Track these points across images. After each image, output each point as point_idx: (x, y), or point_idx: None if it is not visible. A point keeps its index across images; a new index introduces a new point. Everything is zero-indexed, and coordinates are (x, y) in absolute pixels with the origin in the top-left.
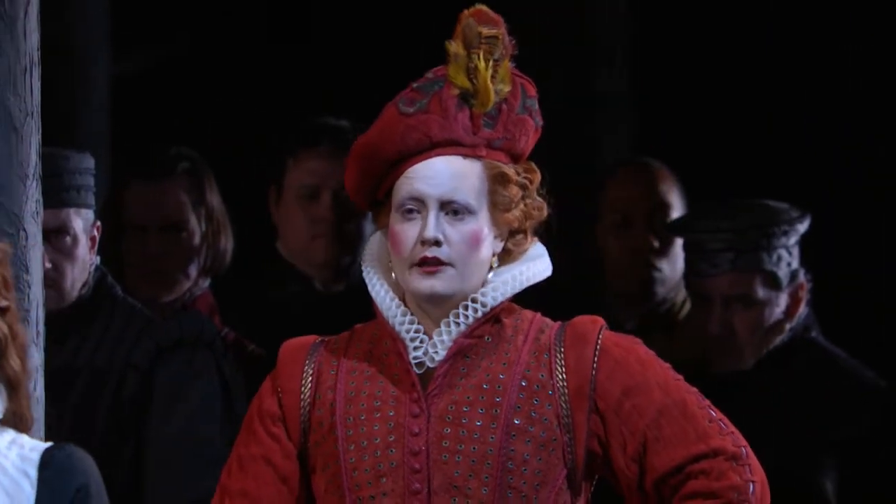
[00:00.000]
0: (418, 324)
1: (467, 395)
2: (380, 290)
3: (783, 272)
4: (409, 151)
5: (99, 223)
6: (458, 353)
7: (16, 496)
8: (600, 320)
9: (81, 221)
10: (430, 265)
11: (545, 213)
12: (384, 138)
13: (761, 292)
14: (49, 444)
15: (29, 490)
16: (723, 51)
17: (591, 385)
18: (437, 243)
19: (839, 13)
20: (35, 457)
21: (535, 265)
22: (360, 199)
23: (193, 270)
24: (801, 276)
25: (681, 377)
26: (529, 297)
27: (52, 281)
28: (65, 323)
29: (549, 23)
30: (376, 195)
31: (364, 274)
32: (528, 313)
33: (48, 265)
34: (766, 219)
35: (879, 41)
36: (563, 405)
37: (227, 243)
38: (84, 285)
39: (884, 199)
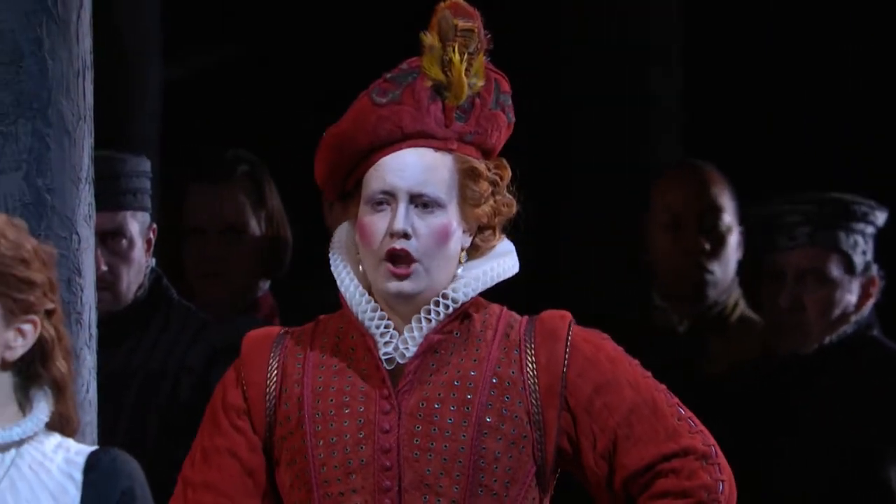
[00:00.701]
0: (388, 319)
1: (438, 392)
2: (348, 284)
3: (858, 258)
4: (380, 142)
5: (155, 226)
6: (428, 349)
7: (61, 499)
8: (568, 315)
9: (137, 224)
10: (400, 264)
11: (514, 209)
12: (356, 128)
13: (835, 271)
14: (94, 447)
15: (74, 493)
16: (776, 51)
17: (562, 383)
18: (406, 236)
19: None
20: (80, 460)
21: (505, 261)
22: (329, 189)
23: (253, 273)
24: (874, 271)
25: (649, 374)
26: (582, 296)
27: (109, 283)
28: (120, 325)
29: (602, 24)
30: (345, 186)
31: (332, 266)
32: (496, 307)
33: (104, 268)
34: (846, 200)
35: None
36: (534, 402)
37: (287, 245)
38: (140, 288)
39: None
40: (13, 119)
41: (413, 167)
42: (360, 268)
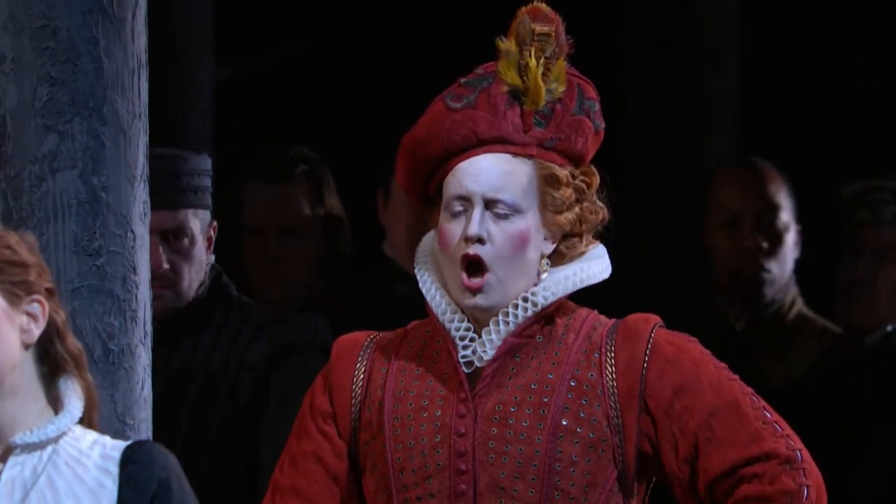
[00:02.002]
0: (469, 322)
1: (515, 396)
2: (430, 289)
3: None
4: (455, 148)
5: (215, 223)
6: (508, 352)
7: (98, 493)
8: (654, 318)
9: (199, 222)
10: (474, 275)
11: (603, 216)
12: (431, 134)
13: None
14: (130, 441)
15: (111, 486)
16: (832, 49)
17: (641, 385)
18: (481, 241)
19: None
20: (116, 454)
21: (592, 266)
22: (412, 195)
23: (311, 271)
24: None
25: (736, 377)
26: (640, 295)
27: (170, 281)
28: (182, 323)
29: (659, 24)
30: (427, 191)
31: (416, 272)
32: (584, 311)
33: (166, 266)
34: None
35: None
36: (613, 405)
37: (345, 243)
38: (201, 285)
39: None
40: (69, 118)
41: (488, 172)
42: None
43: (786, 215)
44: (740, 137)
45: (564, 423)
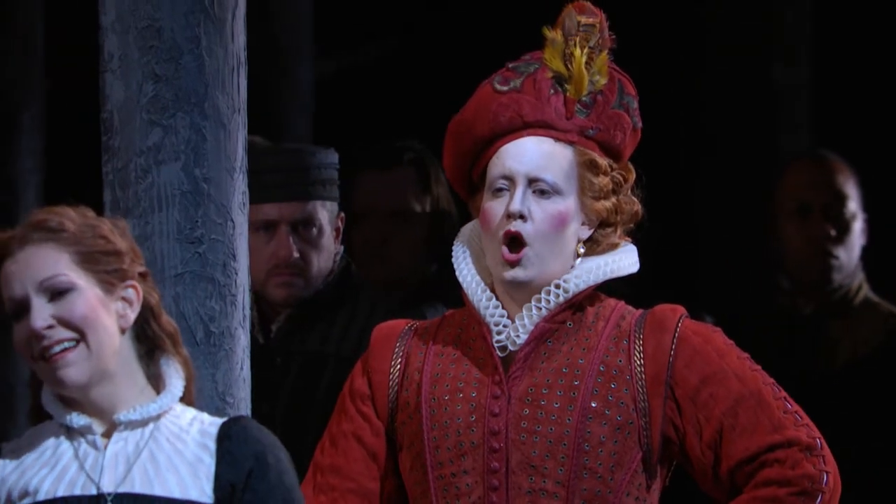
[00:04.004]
0: (503, 308)
1: (547, 378)
2: (466, 275)
3: None
4: (501, 129)
5: (343, 214)
6: (540, 337)
7: (197, 468)
8: (681, 309)
9: (327, 213)
10: (514, 249)
11: (637, 211)
12: (477, 115)
13: None
14: (226, 418)
15: (209, 461)
16: None
17: (667, 372)
18: (522, 217)
19: None
20: (214, 430)
21: (623, 258)
22: (457, 180)
23: (418, 256)
24: None
25: (759, 367)
26: (713, 280)
27: (300, 269)
28: (312, 310)
29: (729, 17)
30: (472, 177)
31: (453, 260)
32: (612, 301)
33: (296, 255)
34: None
35: None
36: (640, 390)
37: (452, 230)
38: (330, 273)
39: None
40: (172, 113)
41: (532, 153)
42: (483, 261)
43: (853, 204)
44: (811, 130)
45: (593, 405)
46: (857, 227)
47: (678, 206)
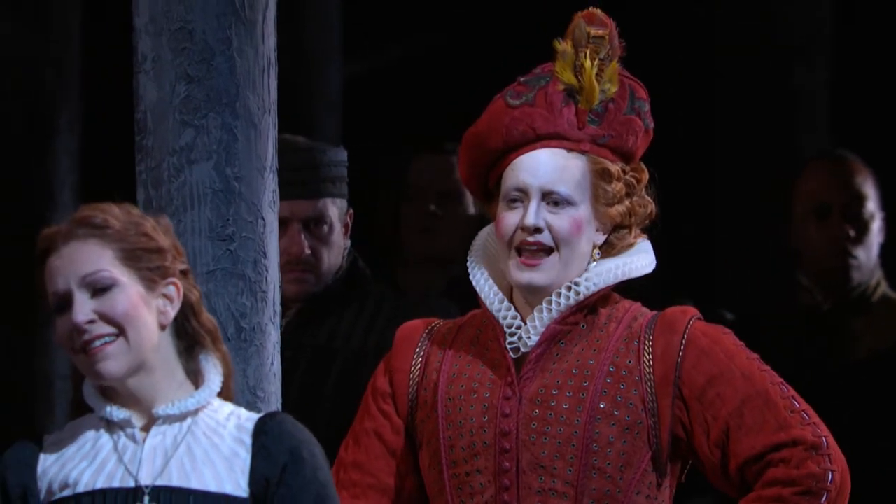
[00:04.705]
0: (517, 311)
1: (557, 380)
2: (480, 279)
3: None
4: (514, 142)
5: (352, 211)
6: (552, 339)
7: (233, 462)
8: (692, 310)
9: (337, 210)
10: (531, 255)
11: (651, 210)
12: (491, 129)
13: None
14: (263, 413)
15: (245, 456)
16: None
17: (676, 372)
18: (538, 230)
19: None
20: (250, 426)
21: (638, 259)
22: (473, 188)
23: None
24: None
25: (767, 368)
26: (733, 279)
27: (311, 266)
28: (322, 305)
29: (747, 20)
30: (487, 185)
31: (469, 266)
32: (627, 303)
33: (307, 251)
34: None
35: None
36: (649, 391)
37: None
38: (339, 269)
39: None
40: (204, 113)
41: (545, 165)
42: (497, 266)
43: (871, 204)
44: (830, 131)
45: (602, 406)
46: (876, 226)
47: (699, 208)
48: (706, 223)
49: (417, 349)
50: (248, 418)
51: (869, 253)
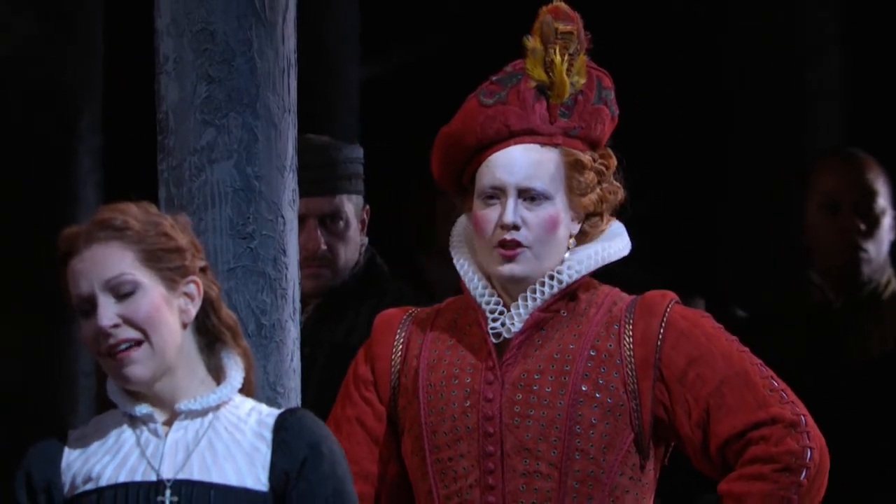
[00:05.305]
0: (498, 297)
1: (539, 364)
2: (463, 264)
3: None
4: (488, 140)
5: (368, 207)
6: (534, 325)
7: (254, 457)
8: (671, 294)
9: (353, 206)
10: (510, 248)
11: (621, 196)
12: (465, 128)
13: None
14: (283, 409)
15: (265, 451)
16: None
17: (656, 355)
18: (516, 227)
19: None
20: (270, 421)
21: (613, 244)
22: (446, 183)
23: None
24: None
25: (746, 349)
26: (743, 274)
27: (328, 262)
28: (339, 300)
29: (761, 18)
30: (461, 181)
31: (451, 252)
32: (606, 288)
33: (324, 247)
34: None
35: None
36: (630, 373)
37: None
38: (356, 265)
39: None
40: (225, 113)
41: (520, 163)
42: (477, 256)
43: (883, 200)
44: (844, 132)
45: (584, 388)
46: (887, 222)
47: (710, 205)
48: (718, 223)
49: (397, 336)
50: (269, 414)
51: (879, 248)
